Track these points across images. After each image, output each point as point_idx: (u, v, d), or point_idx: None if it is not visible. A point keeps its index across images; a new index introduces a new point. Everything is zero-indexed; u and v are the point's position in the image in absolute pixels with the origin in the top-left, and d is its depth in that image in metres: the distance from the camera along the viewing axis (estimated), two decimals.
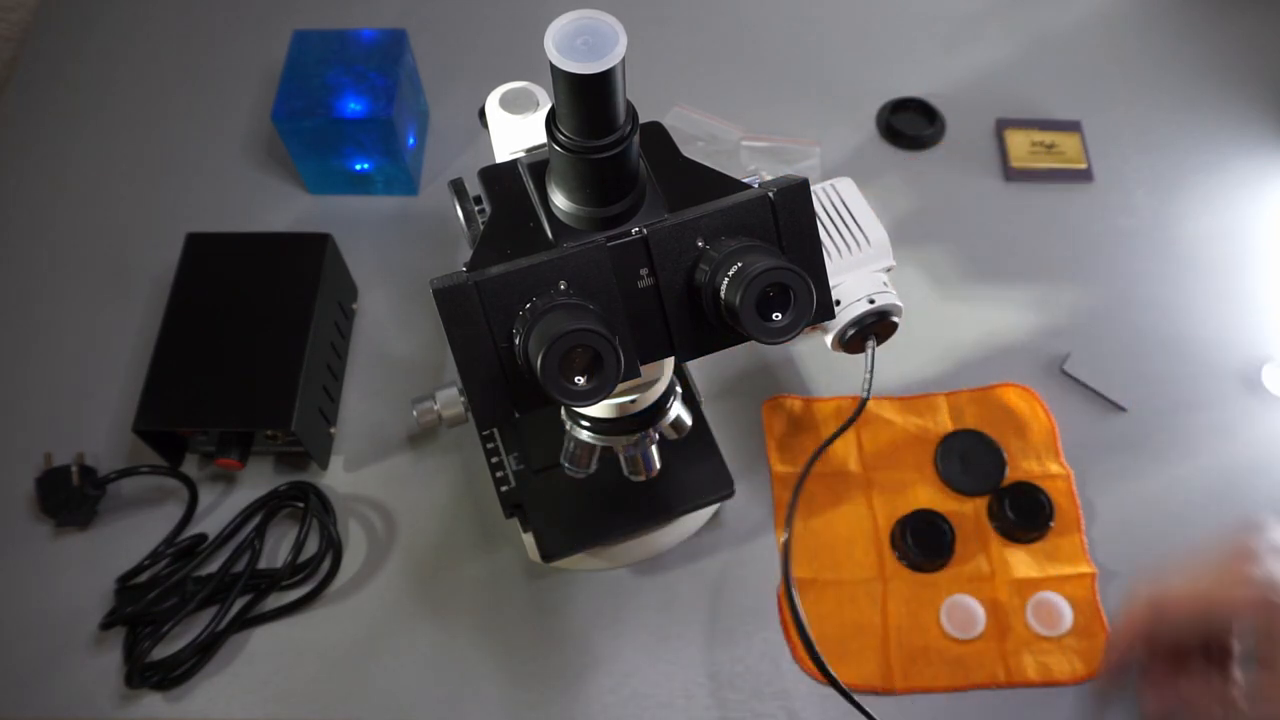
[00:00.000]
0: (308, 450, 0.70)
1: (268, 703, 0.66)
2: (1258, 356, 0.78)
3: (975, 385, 0.77)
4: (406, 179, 0.85)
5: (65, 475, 0.71)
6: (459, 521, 0.72)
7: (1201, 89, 0.93)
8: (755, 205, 0.46)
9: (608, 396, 0.42)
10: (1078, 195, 0.87)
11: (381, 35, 0.82)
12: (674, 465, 0.66)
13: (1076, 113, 0.91)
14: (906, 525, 0.70)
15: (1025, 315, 0.81)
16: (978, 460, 0.73)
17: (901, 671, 0.66)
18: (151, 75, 0.94)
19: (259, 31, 0.96)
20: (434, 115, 0.91)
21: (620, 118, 0.41)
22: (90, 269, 0.83)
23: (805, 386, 0.78)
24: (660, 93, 0.91)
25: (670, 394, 0.58)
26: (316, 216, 0.86)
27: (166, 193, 0.87)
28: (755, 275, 0.42)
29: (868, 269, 0.65)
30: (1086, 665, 0.66)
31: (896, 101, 0.91)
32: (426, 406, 0.69)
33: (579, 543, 0.67)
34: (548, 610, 0.69)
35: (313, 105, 0.78)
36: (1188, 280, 0.82)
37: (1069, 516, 0.72)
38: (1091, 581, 0.69)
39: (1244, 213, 0.86)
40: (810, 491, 0.73)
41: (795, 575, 0.70)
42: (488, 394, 0.45)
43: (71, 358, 0.79)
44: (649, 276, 0.45)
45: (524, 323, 0.43)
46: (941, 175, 0.88)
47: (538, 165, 0.47)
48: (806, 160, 0.87)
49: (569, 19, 0.39)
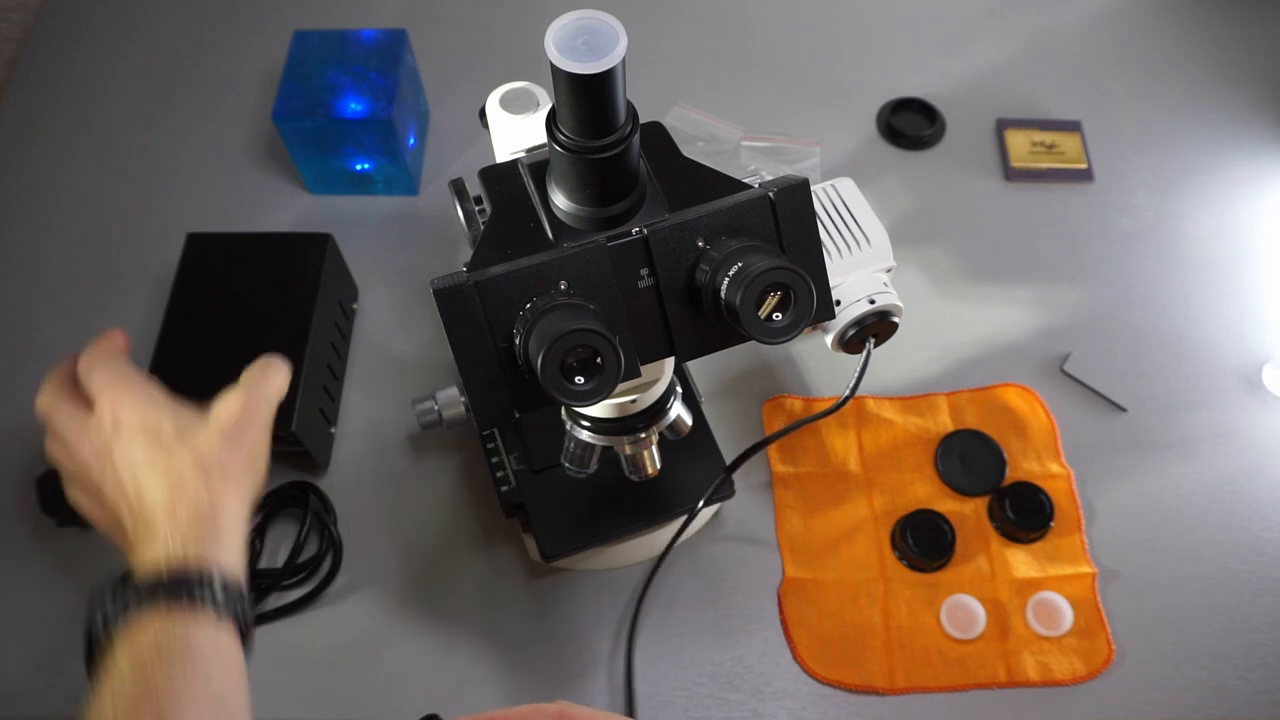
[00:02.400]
0: (308, 450, 0.70)
1: (268, 703, 0.65)
2: (1258, 356, 0.78)
3: (975, 385, 0.77)
4: (406, 179, 0.85)
5: None
6: (459, 521, 0.72)
7: (1202, 89, 0.93)
8: (755, 205, 0.46)
9: (608, 396, 0.42)
10: (1078, 195, 0.87)
11: (381, 35, 0.82)
12: (674, 465, 0.66)
13: (1076, 113, 0.91)
14: (906, 525, 0.70)
15: (1025, 315, 0.81)
16: (978, 460, 0.73)
17: (902, 671, 0.66)
18: (152, 75, 0.94)
19: (259, 31, 0.95)
20: (434, 115, 0.91)
21: (620, 118, 0.41)
22: (90, 268, 0.83)
23: (805, 386, 0.78)
24: (660, 93, 0.91)
25: (670, 394, 0.58)
26: (316, 216, 0.86)
27: (166, 193, 0.87)
28: (755, 275, 0.42)
29: (868, 269, 0.65)
30: (1086, 665, 0.66)
31: (896, 101, 0.91)
32: (426, 406, 0.69)
33: (579, 543, 0.67)
34: (548, 610, 0.69)
35: (313, 105, 0.78)
36: (1188, 280, 0.83)
37: (1069, 516, 0.72)
38: (1091, 581, 0.69)
39: (1244, 213, 0.86)
40: (810, 491, 0.73)
41: (795, 575, 0.70)
42: (488, 394, 0.45)
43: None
44: (649, 276, 0.45)
45: (524, 323, 0.43)
46: (941, 175, 0.88)
47: (538, 165, 0.47)
48: (806, 160, 0.87)
49: (569, 19, 0.39)
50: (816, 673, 0.66)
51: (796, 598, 0.69)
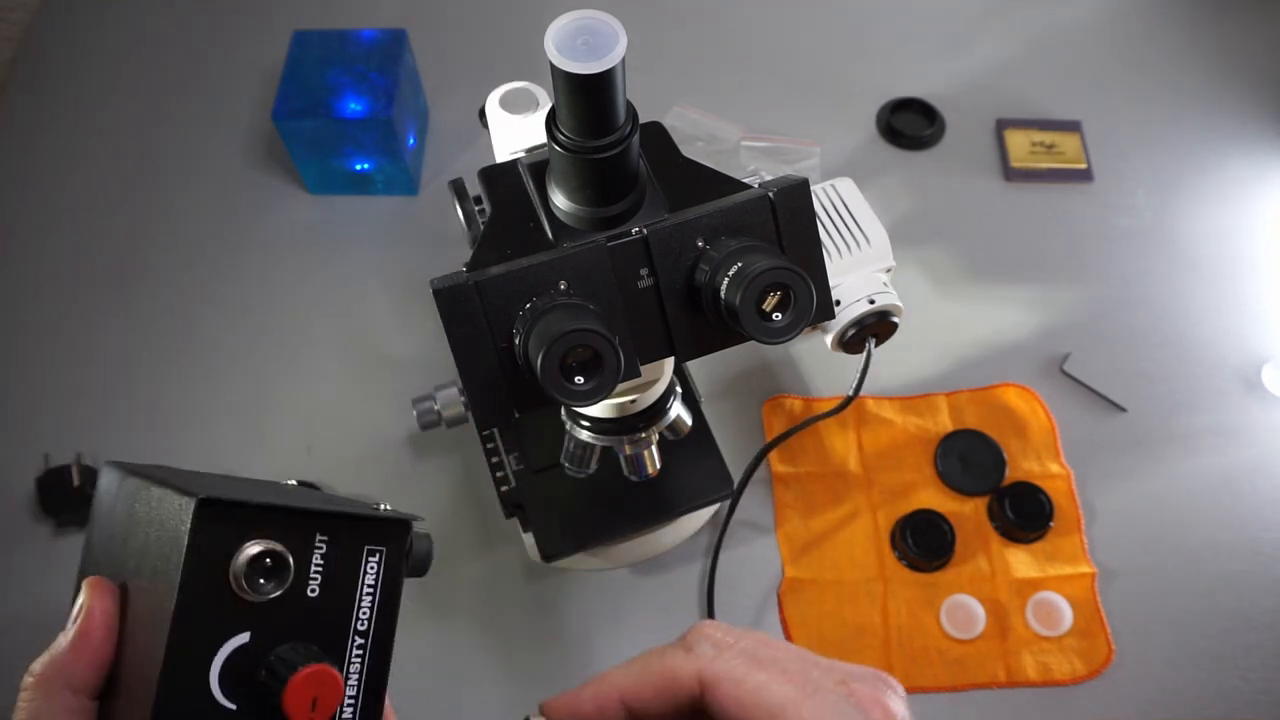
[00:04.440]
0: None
1: None
2: (1258, 356, 0.78)
3: (975, 385, 0.77)
4: (406, 179, 0.85)
5: (65, 475, 0.71)
6: (459, 521, 0.72)
7: (1201, 89, 0.93)
8: (755, 205, 0.46)
9: (608, 396, 0.42)
10: (1078, 195, 0.87)
11: (381, 35, 0.82)
12: (674, 465, 0.66)
13: (1076, 113, 0.91)
14: (906, 525, 0.70)
15: (1025, 315, 0.81)
16: (978, 460, 0.73)
17: (902, 671, 0.66)
18: (152, 75, 0.94)
19: (259, 31, 0.95)
20: (434, 115, 0.91)
21: (620, 118, 0.41)
22: (90, 268, 0.83)
23: (805, 386, 0.78)
24: (660, 93, 0.91)
25: (670, 394, 0.58)
26: (316, 216, 0.86)
27: (166, 192, 0.87)
28: (755, 275, 0.41)
29: (868, 269, 0.65)
30: (1086, 665, 0.66)
31: (896, 101, 0.91)
32: (426, 406, 0.69)
33: (579, 543, 0.66)
34: (548, 610, 0.69)
35: (313, 105, 0.78)
36: (1188, 280, 0.82)
37: (1069, 516, 0.72)
38: (1091, 581, 0.69)
39: (1244, 213, 0.86)
40: (810, 491, 0.73)
41: (795, 575, 0.70)
42: (488, 394, 0.45)
43: (71, 358, 0.79)
44: (649, 276, 0.45)
45: (524, 323, 0.43)
46: (941, 175, 0.88)
47: (538, 165, 0.47)
48: (806, 160, 0.87)
49: (569, 19, 0.39)
50: None
51: (796, 597, 0.69)
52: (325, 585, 0.34)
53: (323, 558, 0.34)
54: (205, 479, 0.37)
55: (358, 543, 0.35)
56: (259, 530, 0.32)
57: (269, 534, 0.32)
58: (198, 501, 0.31)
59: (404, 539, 0.36)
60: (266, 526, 0.32)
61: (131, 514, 0.35)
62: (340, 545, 0.34)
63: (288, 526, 0.33)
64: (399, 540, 0.36)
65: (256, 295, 0.82)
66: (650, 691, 0.34)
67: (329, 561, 0.34)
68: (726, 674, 0.33)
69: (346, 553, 0.34)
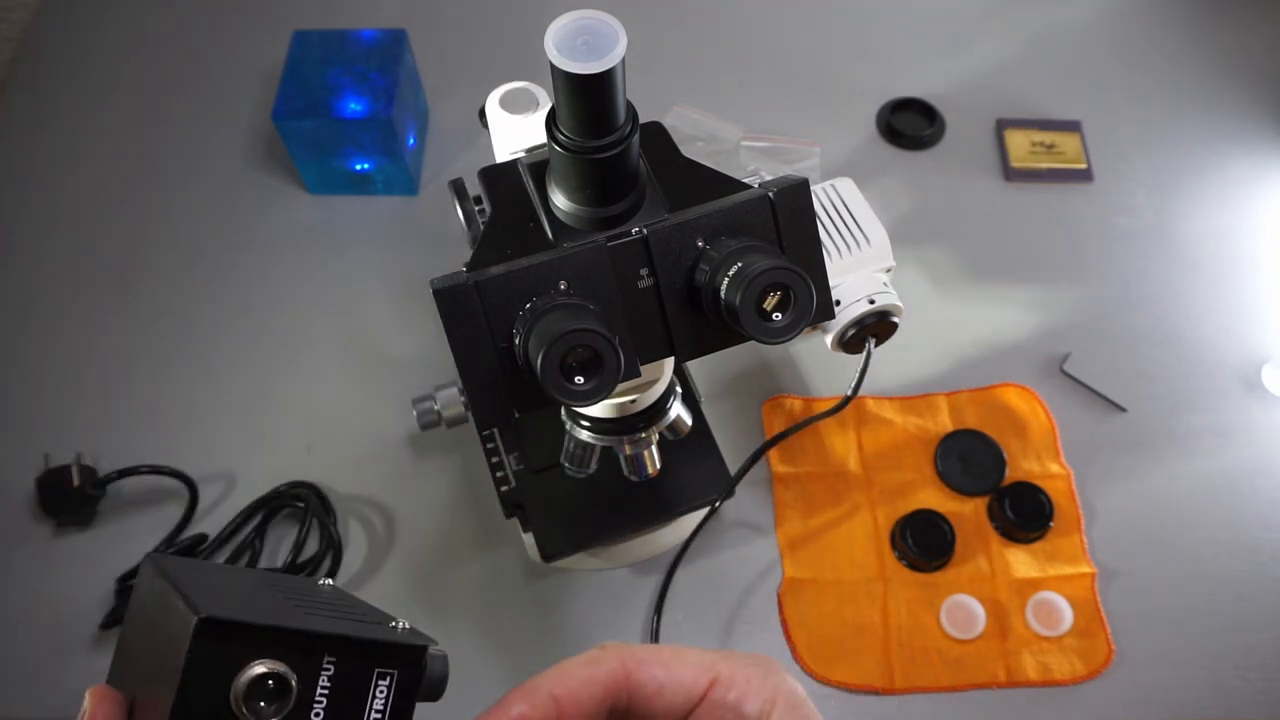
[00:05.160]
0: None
1: None
2: (1258, 356, 0.78)
3: (975, 385, 0.77)
4: (406, 179, 0.85)
5: (65, 475, 0.71)
6: (459, 521, 0.72)
7: (1201, 89, 0.93)
8: (755, 205, 0.46)
9: (608, 396, 0.42)
10: (1078, 195, 0.87)
11: (381, 35, 0.82)
12: (674, 465, 0.66)
13: (1076, 113, 0.91)
14: (906, 525, 0.70)
15: (1025, 315, 0.81)
16: (978, 460, 0.73)
17: (901, 671, 0.66)
18: (152, 75, 0.94)
19: (259, 31, 0.95)
20: (434, 115, 0.91)
21: (620, 118, 0.41)
22: (90, 268, 0.83)
23: (805, 386, 0.78)
24: (660, 93, 0.91)
25: (670, 394, 0.58)
26: (316, 216, 0.86)
27: (166, 192, 0.87)
28: (755, 275, 0.41)
29: (868, 269, 0.65)
30: (1086, 665, 0.66)
31: (896, 101, 0.91)
32: (426, 406, 0.69)
33: (579, 543, 0.66)
34: (548, 610, 0.69)
35: (313, 105, 0.78)
36: (1188, 280, 0.82)
37: (1069, 516, 0.72)
38: (1091, 581, 0.69)
39: (1244, 213, 0.86)
40: (810, 491, 0.73)
41: (794, 575, 0.70)
42: (488, 394, 0.45)
43: (71, 358, 0.79)
44: (649, 276, 0.45)
45: (524, 323, 0.43)
46: (941, 175, 0.88)
47: (538, 165, 0.47)
48: (806, 160, 0.87)
49: (569, 19, 0.38)
50: (816, 673, 0.66)
51: (796, 597, 0.69)
52: (331, 709, 0.32)
53: (330, 679, 0.32)
54: (230, 585, 0.36)
55: (368, 666, 0.33)
56: (263, 650, 0.31)
57: (274, 654, 0.31)
58: (198, 621, 0.29)
59: (418, 663, 0.35)
60: (271, 647, 0.31)
61: (152, 620, 0.34)
62: (349, 668, 0.33)
63: (294, 647, 0.31)
64: (412, 664, 0.35)
65: (256, 295, 0.82)
66: (576, 682, 0.36)
67: (336, 684, 0.32)
68: (647, 652, 0.36)
69: (355, 676, 0.33)
